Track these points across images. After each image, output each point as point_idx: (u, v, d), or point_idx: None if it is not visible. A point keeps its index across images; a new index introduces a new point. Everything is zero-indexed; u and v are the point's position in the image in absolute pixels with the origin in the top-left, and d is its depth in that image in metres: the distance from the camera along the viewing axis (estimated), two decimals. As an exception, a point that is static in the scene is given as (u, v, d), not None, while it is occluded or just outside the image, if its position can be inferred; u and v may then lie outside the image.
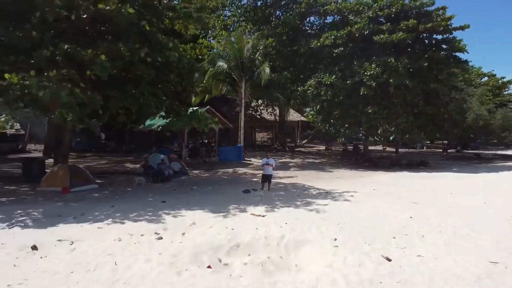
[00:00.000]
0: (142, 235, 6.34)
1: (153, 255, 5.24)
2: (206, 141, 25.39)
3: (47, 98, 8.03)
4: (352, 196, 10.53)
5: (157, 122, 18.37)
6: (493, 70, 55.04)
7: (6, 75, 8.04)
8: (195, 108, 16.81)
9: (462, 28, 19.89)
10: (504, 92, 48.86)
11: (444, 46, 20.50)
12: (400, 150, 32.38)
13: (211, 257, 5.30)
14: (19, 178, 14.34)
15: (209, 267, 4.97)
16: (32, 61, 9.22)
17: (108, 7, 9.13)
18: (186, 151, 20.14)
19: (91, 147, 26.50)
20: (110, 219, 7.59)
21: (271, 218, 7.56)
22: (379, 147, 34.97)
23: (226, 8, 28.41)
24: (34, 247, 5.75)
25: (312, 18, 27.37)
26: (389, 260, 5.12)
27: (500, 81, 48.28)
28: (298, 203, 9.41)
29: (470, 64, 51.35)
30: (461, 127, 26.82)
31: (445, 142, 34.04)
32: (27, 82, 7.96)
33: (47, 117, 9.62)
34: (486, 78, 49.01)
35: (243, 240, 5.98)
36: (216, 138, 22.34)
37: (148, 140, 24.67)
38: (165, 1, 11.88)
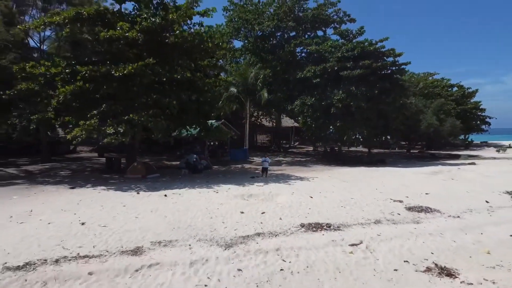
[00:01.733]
0: (208, 192, 14.15)
1: (220, 196, 13.11)
2: (216, 143, 33.17)
3: (152, 126, 15.83)
4: (313, 179, 18.32)
5: (190, 131, 26.05)
6: (460, 82, 62.78)
7: (131, 115, 15.78)
8: (215, 122, 24.62)
9: (405, 64, 27.86)
10: (471, 100, 56.55)
11: (395, 76, 28.35)
12: (373, 150, 39.98)
13: (241, 197, 13.09)
14: (103, 170, 22.17)
15: (241, 199, 12.79)
16: (136, 105, 17.04)
17: (179, 76, 16.89)
18: (207, 153, 27.96)
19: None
20: (186, 188, 15.35)
21: (266, 187, 15.36)
22: (365, 149, 42.35)
23: (234, 38, 36.20)
24: (165, 195, 13.50)
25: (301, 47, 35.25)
26: (312, 197, 12.91)
27: (466, 91, 55.99)
28: (281, 182, 17.22)
29: (440, 76, 58.79)
30: (416, 133, 34.66)
31: (410, 144, 41.76)
32: (142, 118, 15.72)
33: (149, 137, 17.34)
34: (456, 89, 56.69)
35: (253, 192, 13.79)
36: (228, 143, 30.18)
37: (176, 144, 32.33)
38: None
